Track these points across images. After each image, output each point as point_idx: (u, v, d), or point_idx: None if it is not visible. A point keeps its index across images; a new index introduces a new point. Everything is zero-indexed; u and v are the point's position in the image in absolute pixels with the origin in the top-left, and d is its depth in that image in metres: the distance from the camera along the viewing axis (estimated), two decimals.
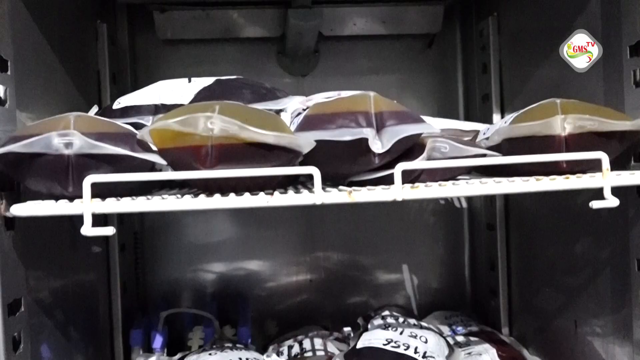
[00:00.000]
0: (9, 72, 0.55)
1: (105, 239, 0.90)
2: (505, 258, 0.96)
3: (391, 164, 0.54)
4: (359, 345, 0.75)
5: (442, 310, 1.04)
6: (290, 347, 0.90)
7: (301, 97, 0.66)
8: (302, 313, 1.09)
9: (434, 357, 0.73)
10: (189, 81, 0.65)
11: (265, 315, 1.07)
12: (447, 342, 0.81)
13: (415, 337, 0.76)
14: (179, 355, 0.83)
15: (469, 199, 1.09)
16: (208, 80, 0.66)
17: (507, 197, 0.95)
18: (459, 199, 1.10)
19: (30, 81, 0.61)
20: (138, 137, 0.52)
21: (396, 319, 0.84)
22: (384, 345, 0.74)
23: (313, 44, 1.03)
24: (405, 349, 0.73)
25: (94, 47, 0.88)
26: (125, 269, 0.94)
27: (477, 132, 0.73)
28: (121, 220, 0.94)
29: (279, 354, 0.86)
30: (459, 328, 0.96)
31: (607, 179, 0.54)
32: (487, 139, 0.65)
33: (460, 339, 0.91)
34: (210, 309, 0.94)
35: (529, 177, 0.55)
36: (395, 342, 0.74)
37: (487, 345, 0.86)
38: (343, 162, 0.56)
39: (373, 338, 0.76)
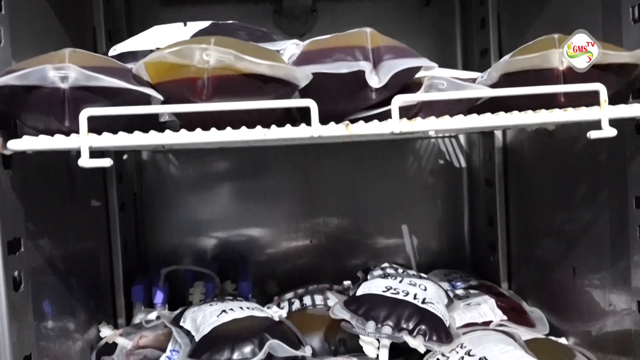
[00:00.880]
0: (2, 12, 0.55)
1: (104, 196, 0.90)
2: (504, 213, 0.96)
3: (389, 102, 0.54)
4: (359, 292, 0.76)
5: (442, 269, 1.04)
6: (291, 303, 0.90)
7: (297, 41, 0.65)
8: (302, 275, 1.09)
9: (433, 303, 0.74)
10: (185, 25, 0.65)
11: (266, 277, 1.07)
12: (447, 293, 0.82)
13: (414, 285, 0.76)
14: (180, 309, 0.83)
15: (468, 157, 1.09)
16: (204, 24, 0.65)
17: (506, 151, 0.95)
18: (457, 158, 1.09)
19: (24, 29, 0.60)
20: (134, 72, 0.52)
21: (395, 269, 0.84)
22: (384, 292, 0.74)
23: (310, 3, 1.02)
24: (404, 296, 0.73)
25: (90, 4, 0.88)
26: (125, 228, 0.95)
27: (474, 79, 0.72)
28: (120, 178, 0.94)
29: (279, 307, 0.86)
30: (459, 283, 0.96)
31: (605, 110, 0.53)
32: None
33: (459, 292, 0.91)
34: (211, 269, 0.94)
35: (527, 111, 0.55)
36: (394, 289, 0.74)
37: (486, 297, 0.87)
38: (340, 98, 0.55)
39: (373, 286, 0.76)
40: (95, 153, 0.50)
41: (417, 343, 0.66)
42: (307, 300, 0.91)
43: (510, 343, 0.67)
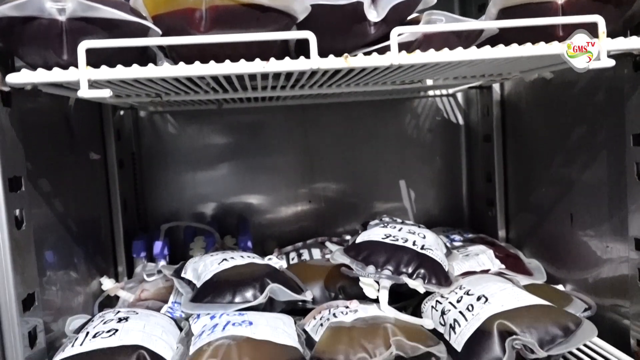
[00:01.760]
0: None
1: (103, 152, 0.90)
2: (502, 168, 0.97)
3: (388, 38, 0.54)
4: (358, 240, 0.76)
5: (440, 227, 1.05)
6: (289, 256, 0.91)
7: None
8: (301, 238, 1.10)
9: (432, 250, 0.74)
10: None
11: (266, 238, 1.07)
12: (445, 245, 0.83)
13: (413, 233, 0.77)
14: (181, 262, 0.84)
15: (466, 115, 1.09)
16: None
17: (504, 106, 0.95)
18: (455, 116, 1.10)
19: None
20: (131, 5, 0.52)
21: (394, 220, 0.85)
22: (383, 239, 0.74)
23: None
24: (403, 242, 0.74)
25: None
26: (124, 186, 0.95)
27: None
28: (118, 136, 0.94)
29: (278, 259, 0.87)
30: (457, 237, 0.97)
31: (603, 42, 0.54)
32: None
33: (457, 244, 0.92)
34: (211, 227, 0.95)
35: (526, 44, 0.55)
36: (393, 237, 0.75)
37: (484, 247, 0.87)
38: (338, 33, 0.55)
39: (372, 234, 0.77)
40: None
41: (416, 284, 0.66)
42: (305, 254, 0.91)
43: (509, 283, 0.68)
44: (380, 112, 1.09)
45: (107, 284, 0.83)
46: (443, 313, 0.65)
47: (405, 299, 0.73)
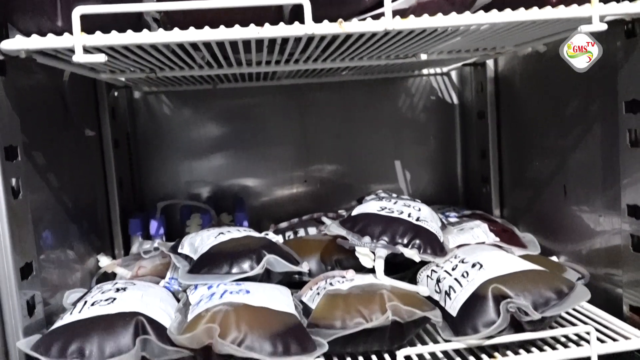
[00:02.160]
0: None
1: (98, 131, 0.90)
2: (496, 144, 0.97)
3: (382, 6, 0.54)
4: (354, 213, 0.77)
5: (435, 205, 1.06)
6: (285, 233, 0.92)
7: None
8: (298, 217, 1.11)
9: (427, 221, 0.75)
10: None
11: (262, 218, 1.08)
12: (441, 220, 0.83)
13: (408, 206, 0.77)
14: (178, 239, 0.84)
15: (460, 94, 1.09)
16: None
17: (498, 82, 0.96)
18: (449, 94, 1.10)
19: None
20: None
21: (390, 195, 0.85)
22: (378, 211, 0.75)
23: None
24: (399, 214, 0.74)
25: None
26: (120, 166, 0.95)
27: None
28: (113, 115, 0.94)
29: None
30: (452, 214, 0.98)
31: (596, 7, 0.54)
32: None
33: (453, 220, 0.93)
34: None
35: (520, 8, 0.55)
36: (389, 209, 0.75)
37: (478, 222, 0.88)
38: (333, 1, 0.55)
39: (367, 207, 0.77)
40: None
41: (412, 252, 0.67)
42: (301, 232, 0.92)
43: (503, 251, 0.69)
44: (374, 92, 1.09)
45: (104, 261, 0.83)
46: (438, 281, 0.65)
47: (400, 271, 0.74)
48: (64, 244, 0.73)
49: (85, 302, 0.59)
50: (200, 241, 0.75)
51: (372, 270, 0.68)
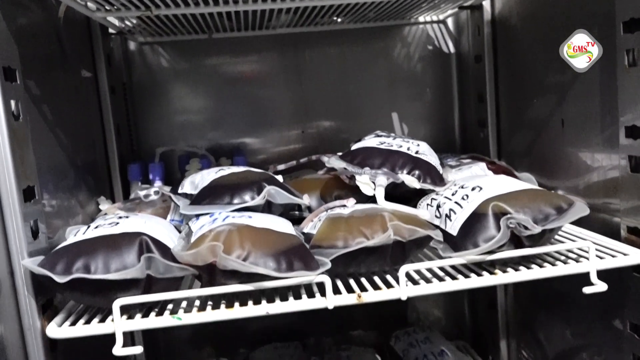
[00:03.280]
0: None
1: (94, 77, 0.89)
2: (494, 86, 0.97)
3: None
4: (353, 147, 0.77)
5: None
6: (284, 174, 0.92)
7: None
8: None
9: (426, 155, 0.75)
10: None
11: None
12: (440, 160, 0.83)
13: (407, 142, 0.78)
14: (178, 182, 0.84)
15: (457, 42, 1.09)
16: None
17: (495, 24, 0.95)
18: (446, 43, 1.10)
19: None
20: None
21: (388, 133, 0.86)
22: (377, 145, 0.75)
23: None
24: (398, 148, 0.75)
25: None
26: (117, 113, 0.94)
27: None
28: (109, 61, 0.93)
29: None
30: (450, 158, 0.98)
31: None
32: None
33: (451, 163, 0.93)
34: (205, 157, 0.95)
35: None
36: (388, 143, 0.76)
37: (476, 162, 0.88)
38: None
39: (367, 142, 0.78)
40: None
41: (412, 179, 0.68)
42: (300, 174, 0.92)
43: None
44: (371, 44, 1.08)
45: (105, 205, 0.83)
46: (438, 207, 0.66)
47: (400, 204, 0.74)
48: (64, 188, 0.73)
49: (89, 226, 0.59)
50: (200, 178, 0.75)
51: (372, 200, 0.68)
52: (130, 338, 0.96)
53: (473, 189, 0.64)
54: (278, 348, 1.05)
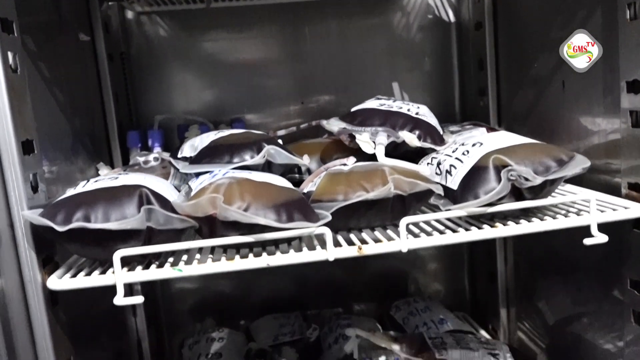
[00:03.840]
0: None
1: (92, 44, 0.89)
2: (494, 54, 0.97)
3: None
4: (353, 109, 0.77)
5: None
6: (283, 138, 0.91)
7: None
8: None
9: (426, 116, 0.75)
10: None
11: None
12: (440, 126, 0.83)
13: (408, 104, 0.77)
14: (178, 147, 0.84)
15: (457, 11, 1.08)
16: None
17: None
18: (446, 12, 1.09)
19: None
20: None
21: (388, 97, 0.85)
22: (378, 106, 0.75)
23: None
24: (398, 109, 0.74)
25: None
26: (115, 82, 0.94)
27: None
28: (107, 29, 0.93)
29: None
30: (451, 126, 0.98)
31: None
32: None
33: (452, 129, 0.93)
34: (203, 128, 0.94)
35: None
36: (388, 105, 0.76)
37: (477, 127, 0.88)
38: None
39: (367, 104, 0.77)
40: None
41: (412, 136, 0.67)
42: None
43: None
44: (370, 12, 1.08)
45: (104, 170, 0.83)
46: (439, 164, 0.66)
47: None
48: (63, 152, 0.72)
49: (89, 180, 0.59)
50: (200, 140, 0.74)
51: (373, 159, 0.68)
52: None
53: (474, 145, 0.64)
54: (278, 318, 1.05)
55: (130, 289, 0.96)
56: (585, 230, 0.59)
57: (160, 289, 1.12)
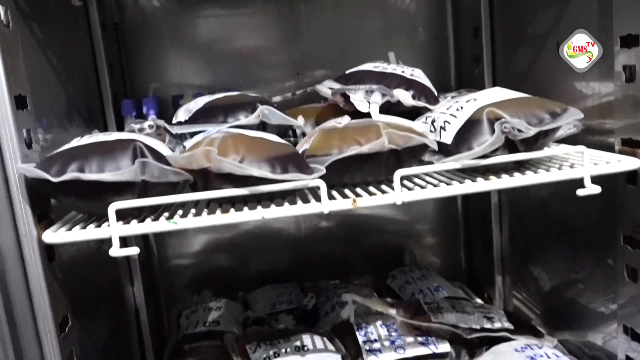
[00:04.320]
0: None
1: (85, 12, 0.88)
2: (489, 20, 0.96)
3: None
4: (347, 71, 0.77)
5: None
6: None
7: None
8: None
9: (421, 78, 0.75)
10: None
11: None
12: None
13: (403, 67, 0.77)
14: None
15: None
16: None
17: None
18: None
19: None
20: None
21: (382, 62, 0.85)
22: (372, 68, 0.75)
23: None
24: (393, 70, 0.74)
25: None
26: (109, 52, 0.93)
27: None
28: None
29: None
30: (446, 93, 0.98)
31: None
32: None
33: (447, 95, 0.93)
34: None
35: None
36: (383, 67, 0.76)
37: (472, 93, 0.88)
38: None
39: (361, 67, 0.77)
40: None
41: (406, 94, 0.67)
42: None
43: None
44: None
45: None
46: (433, 122, 0.66)
47: None
48: (58, 119, 0.72)
49: (82, 137, 0.59)
50: (194, 104, 0.74)
51: (367, 117, 0.68)
52: (129, 274, 0.97)
53: (467, 101, 0.64)
54: (276, 288, 1.06)
55: (130, 273, 0.97)
56: (579, 188, 0.59)
57: (157, 263, 1.12)
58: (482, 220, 1.08)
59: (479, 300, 1.05)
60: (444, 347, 0.79)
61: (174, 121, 0.77)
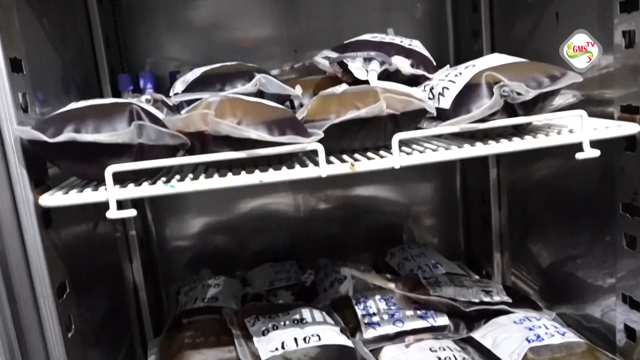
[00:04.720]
0: None
1: None
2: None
3: None
4: (345, 42, 0.76)
5: None
6: None
7: None
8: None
9: (419, 48, 0.75)
10: None
11: None
12: None
13: (401, 38, 0.77)
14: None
15: None
16: None
17: None
18: None
19: None
20: None
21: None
22: (370, 38, 0.75)
23: None
24: (391, 40, 0.74)
25: None
26: (105, 24, 0.92)
27: None
28: None
29: None
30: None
31: None
32: None
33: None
34: None
35: None
36: (381, 37, 0.75)
37: None
38: None
39: (359, 37, 0.77)
40: None
41: (404, 62, 0.67)
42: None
43: None
44: None
45: None
46: (431, 89, 0.66)
47: None
48: (54, 89, 0.71)
49: (79, 101, 0.59)
50: (191, 74, 0.74)
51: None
52: (127, 252, 0.96)
53: (466, 67, 0.64)
54: (274, 266, 1.06)
55: (128, 252, 0.97)
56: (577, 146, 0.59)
57: (156, 244, 1.12)
58: (480, 199, 1.08)
59: (477, 277, 1.05)
60: (443, 320, 0.79)
61: (171, 93, 0.77)
